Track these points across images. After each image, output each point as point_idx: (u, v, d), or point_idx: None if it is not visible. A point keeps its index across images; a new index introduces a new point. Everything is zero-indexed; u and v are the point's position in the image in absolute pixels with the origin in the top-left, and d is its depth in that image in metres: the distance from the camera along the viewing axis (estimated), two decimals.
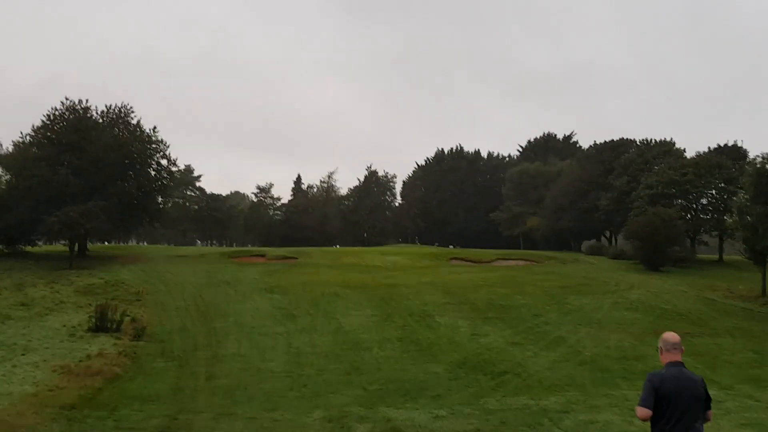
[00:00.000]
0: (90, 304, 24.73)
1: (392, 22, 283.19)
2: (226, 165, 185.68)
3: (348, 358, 18.51)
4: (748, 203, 34.37)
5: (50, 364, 16.55)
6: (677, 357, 5.03)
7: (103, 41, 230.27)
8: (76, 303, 26.62)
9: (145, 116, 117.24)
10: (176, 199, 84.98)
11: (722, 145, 57.84)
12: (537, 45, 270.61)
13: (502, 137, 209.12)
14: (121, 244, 68.19)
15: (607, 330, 24.02)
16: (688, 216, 50.57)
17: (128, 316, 23.38)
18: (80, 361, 17.17)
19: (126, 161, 43.44)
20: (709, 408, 5.04)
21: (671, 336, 5.13)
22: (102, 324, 21.51)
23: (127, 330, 21.66)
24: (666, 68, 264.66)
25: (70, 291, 29.19)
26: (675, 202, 50.34)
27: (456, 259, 48.03)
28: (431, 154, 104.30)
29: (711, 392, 5.20)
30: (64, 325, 22.14)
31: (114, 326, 21.60)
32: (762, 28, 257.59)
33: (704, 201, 51.68)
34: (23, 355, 17.58)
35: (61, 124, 41.96)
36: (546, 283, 34.84)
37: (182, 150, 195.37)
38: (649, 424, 5.02)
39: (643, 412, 4.84)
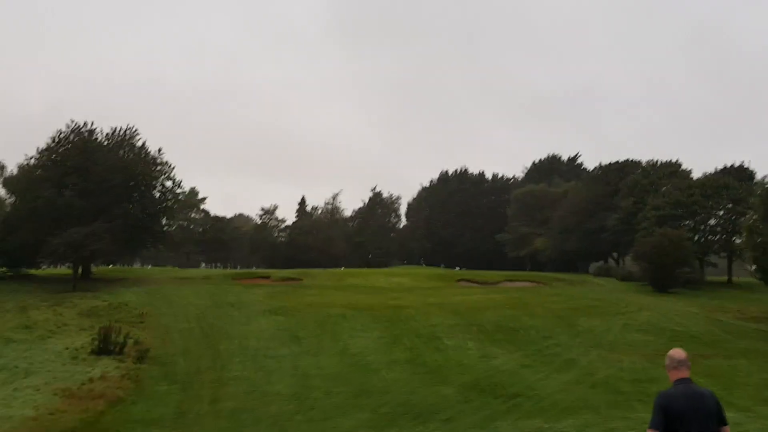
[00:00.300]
0: (93, 327, 24.39)
1: (394, 47, 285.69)
2: (231, 188, 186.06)
3: (356, 380, 18.12)
4: (758, 223, 34.04)
5: (52, 387, 16.21)
6: (685, 374, 4.85)
7: (109, 67, 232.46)
8: (79, 325, 26.31)
9: (151, 140, 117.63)
10: (180, 222, 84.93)
11: (729, 166, 57.58)
12: (538, 68, 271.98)
13: (505, 159, 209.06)
14: (126, 266, 67.98)
15: (619, 352, 23.57)
16: (696, 237, 50.11)
17: (131, 338, 23.03)
18: (82, 384, 16.83)
19: (131, 183, 43.40)
20: (725, 423, 4.78)
21: (677, 353, 4.95)
22: (105, 346, 21.20)
23: (131, 352, 21.33)
24: (668, 90, 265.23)
25: (73, 313, 28.88)
26: (682, 223, 49.87)
27: (463, 280, 47.63)
28: (436, 176, 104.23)
29: (730, 415, 4.92)
30: (67, 348, 21.81)
31: (117, 349, 21.28)
32: (763, 47, 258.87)
33: (712, 222, 51.21)
34: (24, 378, 17.27)
35: (66, 147, 42.02)
36: (554, 304, 34.40)
37: (187, 173, 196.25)
38: None
39: None
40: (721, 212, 50.70)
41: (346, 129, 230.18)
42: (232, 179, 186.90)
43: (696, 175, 57.93)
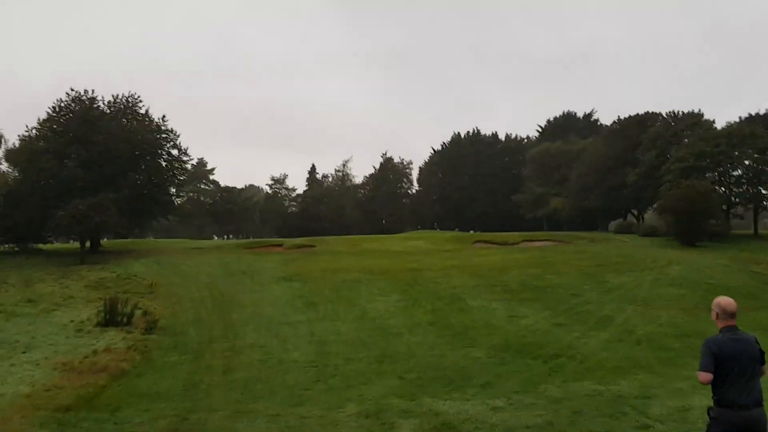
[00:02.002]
0: (100, 299, 23.16)
1: (396, 14, 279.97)
2: (240, 160, 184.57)
3: (377, 345, 16.84)
4: None
5: (52, 361, 15.04)
6: (732, 322, 5.13)
7: (112, 43, 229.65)
8: (86, 298, 25.20)
9: (156, 114, 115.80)
10: (190, 194, 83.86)
11: (754, 114, 55.22)
12: (540, 30, 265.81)
13: (517, 122, 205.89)
14: (139, 239, 67.04)
15: (655, 307, 22.18)
16: (722, 189, 48.19)
17: (140, 309, 21.88)
18: (85, 357, 15.65)
19: (136, 152, 42.03)
20: (763, 363, 5.09)
21: (729, 304, 5.18)
22: (111, 318, 20.03)
23: (139, 324, 20.16)
24: (671, 48, 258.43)
25: (80, 286, 27.78)
26: (706, 175, 47.87)
27: (480, 242, 46.15)
28: (447, 139, 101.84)
29: None
30: (72, 321, 20.68)
31: (124, 320, 20.11)
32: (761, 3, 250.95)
33: (738, 172, 49.15)
34: (24, 353, 16.10)
35: (68, 116, 40.57)
36: (579, 262, 32.93)
37: (195, 147, 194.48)
38: None
39: (705, 376, 4.96)
40: (747, 162, 48.60)
41: (353, 98, 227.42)
42: (240, 151, 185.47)
43: (719, 125, 55.54)
